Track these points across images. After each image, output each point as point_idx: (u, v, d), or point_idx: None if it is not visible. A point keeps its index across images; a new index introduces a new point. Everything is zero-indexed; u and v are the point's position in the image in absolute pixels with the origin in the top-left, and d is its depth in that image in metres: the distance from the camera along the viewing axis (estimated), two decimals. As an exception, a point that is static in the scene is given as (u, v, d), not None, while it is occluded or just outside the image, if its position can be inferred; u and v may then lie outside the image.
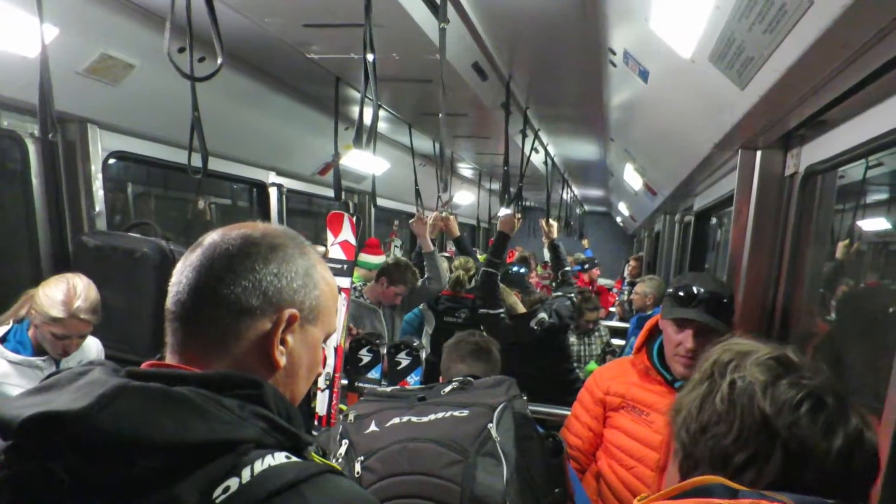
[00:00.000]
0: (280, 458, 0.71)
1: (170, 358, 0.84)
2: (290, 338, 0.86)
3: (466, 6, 2.31)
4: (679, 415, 0.92)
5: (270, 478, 0.69)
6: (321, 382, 2.79)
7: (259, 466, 0.69)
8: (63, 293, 2.05)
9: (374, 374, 2.94)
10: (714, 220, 4.44)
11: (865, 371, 1.91)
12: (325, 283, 0.92)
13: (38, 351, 2.17)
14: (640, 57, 2.33)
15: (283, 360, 0.85)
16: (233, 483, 0.67)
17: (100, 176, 2.79)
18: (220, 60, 1.50)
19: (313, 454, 0.83)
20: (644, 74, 2.41)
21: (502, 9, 2.39)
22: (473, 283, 4.22)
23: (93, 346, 2.40)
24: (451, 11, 2.17)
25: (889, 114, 1.50)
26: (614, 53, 2.57)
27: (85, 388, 0.68)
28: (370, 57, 1.72)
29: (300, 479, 0.70)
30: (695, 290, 1.82)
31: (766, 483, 0.80)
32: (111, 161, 2.93)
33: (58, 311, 2.02)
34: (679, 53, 1.87)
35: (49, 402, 0.67)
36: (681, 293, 1.84)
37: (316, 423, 2.82)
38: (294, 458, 0.73)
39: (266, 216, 4.35)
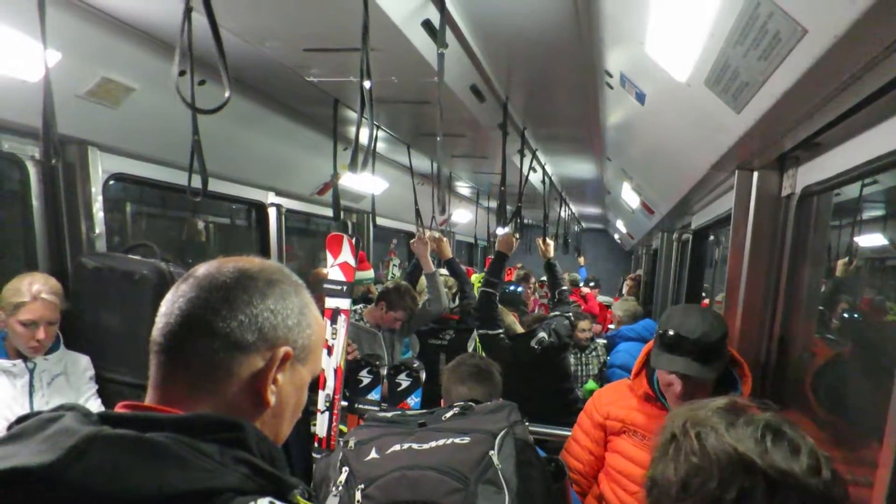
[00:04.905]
0: None
1: (151, 394, 0.81)
2: (280, 377, 0.83)
3: (464, 30, 2.33)
4: (655, 488, 0.96)
5: None
6: (320, 404, 2.78)
7: None
8: (24, 282, 2.22)
9: (373, 395, 2.92)
10: (711, 238, 4.46)
11: (866, 392, 1.91)
12: (316, 324, 0.91)
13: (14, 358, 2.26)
14: (637, 80, 2.35)
15: (273, 400, 0.82)
16: None
17: (100, 198, 2.79)
18: (227, 94, 1.50)
19: (298, 497, 0.79)
20: (641, 97, 2.43)
21: (500, 33, 2.41)
22: (456, 300, 4.21)
23: (82, 361, 2.45)
24: (449, 36, 2.20)
25: (883, 138, 1.52)
26: (611, 76, 2.60)
27: (53, 438, 0.64)
28: (367, 84, 1.73)
29: None
30: (681, 334, 1.77)
31: None
32: (110, 182, 2.94)
33: (21, 296, 2.19)
34: (675, 77, 1.89)
35: (14, 455, 0.62)
36: (669, 334, 1.80)
37: (316, 444, 2.81)
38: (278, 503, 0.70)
39: (265, 236, 4.35)
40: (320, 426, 2.81)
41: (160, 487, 0.63)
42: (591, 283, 8.14)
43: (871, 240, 2.53)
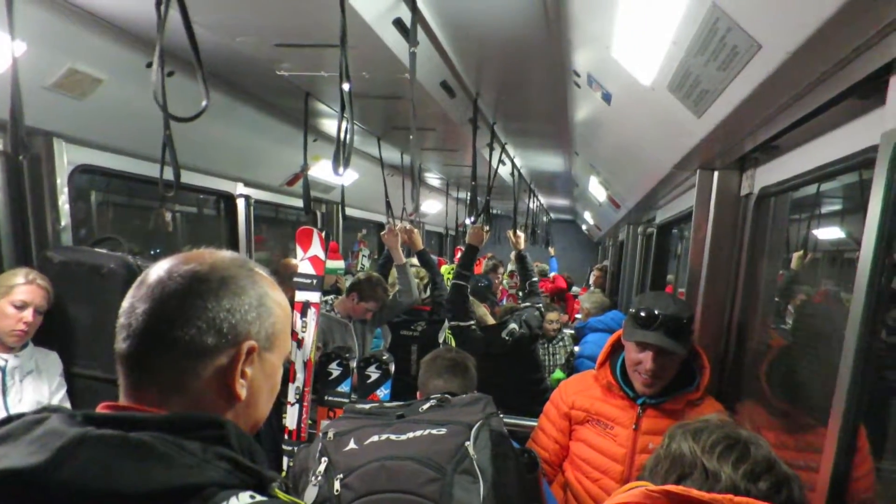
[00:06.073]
0: (245, 498, 0.71)
1: (124, 398, 0.82)
2: (249, 370, 0.85)
3: (435, 29, 2.36)
4: (644, 469, 1.25)
5: None
6: (291, 397, 2.80)
7: None
8: (19, 270, 2.35)
9: (343, 387, 2.95)
10: (675, 231, 4.56)
11: (816, 381, 2.00)
12: (278, 308, 0.91)
13: None
14: (603, 81, 2.41)
15: (243, 393, 0.84)
16: None
17: (65, 190, 2.74)
18: (204, 103, 1.51)
19: (277, 490, 0.81)
20: (607, 97, 2.49)
21: (470, 32, 2.45)
22: (428, 291, 4.25)
23: (52, 357, 2.44)
24: (420, 34, 2.22)
25: (837, 143, 1.59)
26: (578, 76, 2.65)
27: (42, 439, 0.66)
28: (346, 86, 1.75)
29: None
30: (655, 312, 1.87)
31: None
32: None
33: (17, 279, 2.29)
34: (640, 80, 1.95)
35: (4, 457, 0.64)
36: (641, 314, 1.90)
37: (286, 437, 2.83)
38: (259, 497, 0.72)
39: (233, 227, 4.33)
40: (290, 418, 2.83)
41: (147, 484, 0.65)
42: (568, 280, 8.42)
43: (826, 233, 2.63)
